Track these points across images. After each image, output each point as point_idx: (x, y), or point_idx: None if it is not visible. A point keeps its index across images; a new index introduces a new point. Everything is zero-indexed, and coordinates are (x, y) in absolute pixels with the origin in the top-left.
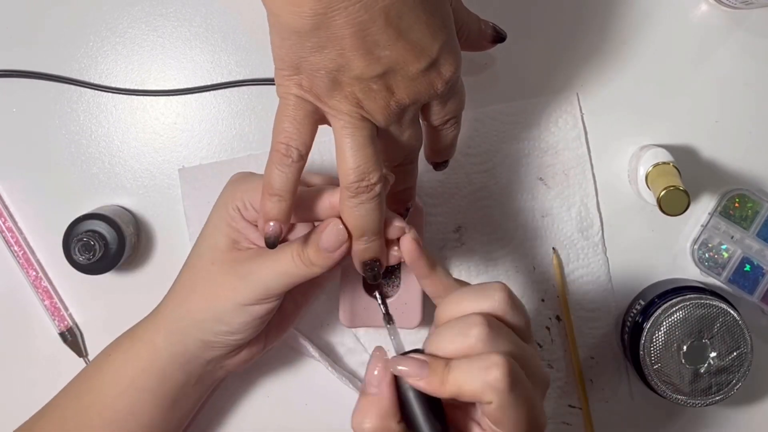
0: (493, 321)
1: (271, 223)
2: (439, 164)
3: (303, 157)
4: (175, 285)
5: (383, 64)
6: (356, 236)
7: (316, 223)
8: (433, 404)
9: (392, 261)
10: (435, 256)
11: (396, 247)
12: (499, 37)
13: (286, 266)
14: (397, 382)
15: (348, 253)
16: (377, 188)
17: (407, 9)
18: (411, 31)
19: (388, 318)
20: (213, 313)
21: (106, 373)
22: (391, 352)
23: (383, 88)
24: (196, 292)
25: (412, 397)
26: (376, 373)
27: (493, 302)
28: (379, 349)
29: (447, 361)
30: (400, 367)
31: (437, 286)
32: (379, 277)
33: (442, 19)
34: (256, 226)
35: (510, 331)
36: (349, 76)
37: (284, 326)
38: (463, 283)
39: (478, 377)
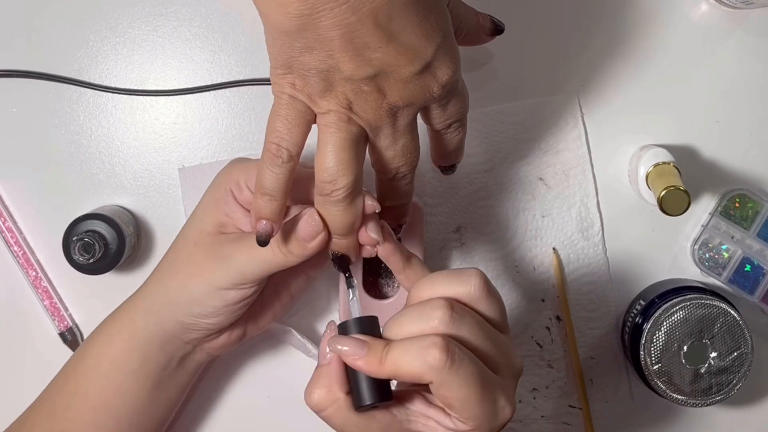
0: (457, 305)
1: (263, 222)
2: (446, 168)
3: (294, 158)
4: (158, 265)
5: (374, 66)
6: (334, 234)
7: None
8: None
9: (365, 254)
10: (409, 251)
11: (368, 246)
12: (497, 29)
13: (264, 252)
14: None
15: (325, 244)
16: (341, 194)
17: (398, 11)
18: (403, 33)
19: (349, 282)
20: (188, 294)
21: (89, 356)
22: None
23: (374, 89)
24: (176, 272)
25: (357, 370)
26: (326, 347)
27: (467, 287)
28: (331, 322)
29: (388, 342)
30: (339, 346)
31: (413, 280)
32: (347, 270)
33: (437, 21)
34: (248, 210)
35: (476, 316)
36: (339, 77)
37: (265, 315)
38: None
39: (415, 358)
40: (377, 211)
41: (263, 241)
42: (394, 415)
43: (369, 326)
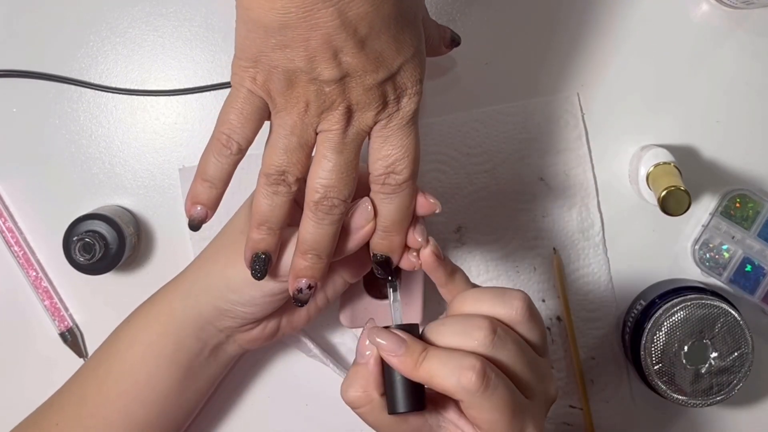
0: (500, 328)
1: (198, 207)
2: (380, 266)
3: (242, 151)
4: (204, 249)
5: (342, 70)
6: (255, 224)
7: None
8: (414, 383)
9: (408, 266)
10: (453, 264)
11: (415, 253)
12: (455, 42)
13: None
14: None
15: (369, 236)
16: (293, 187)
17: (379, 21)
18: (377, 42)
19: (393, 285)
20: (227, 280)
21: (124, 339)
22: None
23: (336, 92)
24: (218, 258)
25: (394, 373)
26: (367, 344)
27: (510, 310)
28: (371, 321)
29: (426, 346)
30: (378, 339)
31: (455, 294)
32: (264, 275)
33: (410, 36)
34: (297, 203)
35: (518, 340)
36: (306, 78)
37: (300, 314)
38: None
39: (451, 374)
40: (437, 210)
41: (195, 226)
42: (426, 420)
43: (409, 332)
